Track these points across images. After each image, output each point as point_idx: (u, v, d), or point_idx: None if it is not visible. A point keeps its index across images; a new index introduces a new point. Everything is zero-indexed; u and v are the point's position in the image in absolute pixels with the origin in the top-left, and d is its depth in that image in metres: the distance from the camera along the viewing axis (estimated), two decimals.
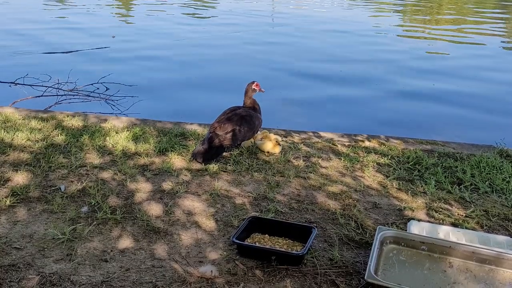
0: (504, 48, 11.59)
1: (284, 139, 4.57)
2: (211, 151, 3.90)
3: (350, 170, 3.93)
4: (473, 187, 3.73)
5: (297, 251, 2.74)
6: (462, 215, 3.30)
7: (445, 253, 2.70)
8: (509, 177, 3.85)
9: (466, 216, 3.29)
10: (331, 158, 4.17)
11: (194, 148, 4.08)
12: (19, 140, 4.16)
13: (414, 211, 3.33)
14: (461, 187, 3.71)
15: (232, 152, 4.14)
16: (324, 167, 3.96)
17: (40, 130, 4.44)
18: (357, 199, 3.45)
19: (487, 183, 3.76)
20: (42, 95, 6.63)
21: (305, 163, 4.01)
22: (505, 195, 3.60)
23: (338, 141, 4.63)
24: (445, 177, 3.84)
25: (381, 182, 3.75)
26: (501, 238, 2.91)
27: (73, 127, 4.59)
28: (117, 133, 4.45)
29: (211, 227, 3.04)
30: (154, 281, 2.52)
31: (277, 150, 4.17)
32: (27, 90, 6.76)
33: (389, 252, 2.75)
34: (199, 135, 4.53)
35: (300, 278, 2.58)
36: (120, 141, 4.23)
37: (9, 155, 3.90)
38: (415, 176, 3.88)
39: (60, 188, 3.41)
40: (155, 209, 3.22)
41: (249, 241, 2.83)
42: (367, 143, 4.61)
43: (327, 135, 4.82)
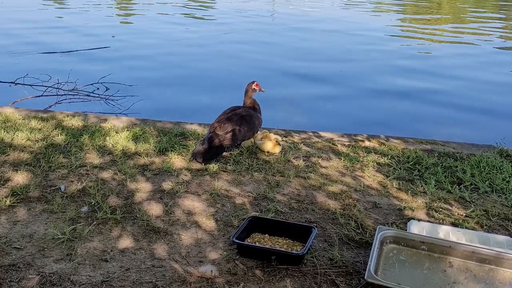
0: (501, 48, 11.58)
1: (284, 139, 4.57)
2: (211, 151, 3.91)
3: (350, 170, 3.93)
4: (473, 187, 3.73)
5: (297, 251, 2.74)
6: (462, 215, 3.30)
7: (445, 253, 2.70)
8: (509, 177, 3.85)
9: (466, 216, 3.29)
10: (331, 158, 4.17)
11: (194, 148, 4.08)
12: (19, 140, 4.16)
13: (414, 211, 3.33)
14: (461, 187, 3.71)
15: (232, 152, 4.14)
16: (324, 167, 3.96)
17: (40, 130, 4.44)
18: (357, 199, 3.45)
19: (487, 183, 3.76)
20: (42, 95, 6.63)
21: (305, 163, 4.02)
22: (505, 195, 3.60)
23: (338, 141, 4.63)
24: (445, 177, 3.84)
25: (381, 182, 3.75)
26: (501, 238, 2.91)
27: (73, 127, 4.59)
28: (117, 133, 4.45)
29: (211, 227, 3.04)
30: (154, 281, 2.52)
31: (277, 150, 4.17)
32: (27, 90, 6.76)
33: (389, 252, 2.75)
34: (199, 135, 4.53)
35: (300, 278, 2.58)
36: (120, 141, 4.23)
37: (9, 155, 3.90)
38: (415, 176, 3.88)
39: (60, 188, 3.41)
40: (155, 209, 3.22)
41: (249, 241, 2.83)
42: (367, 143, 4.61)
43: (327, 135, 4.82)
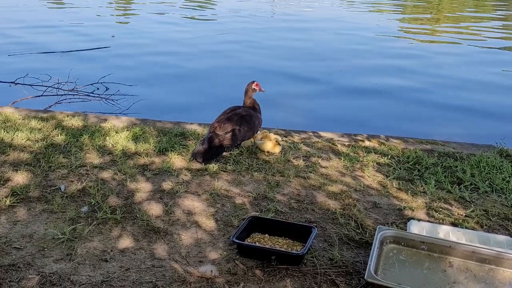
0: (501, 48, 11.58)
1: (284, 138, 4.57)
2: (211, 151, 3.91)
3: (350, 170, 3.93)
4: (473, 186, 3.73)
5: (297, 251, 2.74)
6: (462, 215, 3.30)
7: (445, 252, 2.70)
8: (509, 176, 3.85)
9: (466, 216, 3.29)
10: (331, 157, 4.17)
11: (194, 148, 4.08)
12: (19, 140, 4.16)
13: (414, 210, 3.33)
14: (461, 186, 3.71)
15: (232, 152, 4.14)
16: (324, 167, 3.96)
17: (40, 130, 4.44)
18: (357, 199, 3.45)
19: (487, 182, 3.76)
20: (42, 95, 6.63)
21: (305, 163, 4.02)
22: (505, 194, 3.60)
23: (338, 141, 4.63)
24: (445, 176, 3.84)
25: (381, 181, 3.75)
26: (501, 237, 2.91)
27: (73, 127, 4.59)
28: (117, 132, 4.45)
29: (211, 227, 3.04)
30: (154, 281, 2.52)
31: (277, 150, 4.17)
32: (27, 90, 6.77)
33: (389, 251, 2.75)
34: (199, 135, 4.53)
35: (300, 278, 2.58)
36: (120, 140, 4.23)
37: (9, 155, 3.90)
38: (415, 175, 3.88)
39: (60, 188, 3.41)
40: (155, 209, 3.22)
41: (249, 240, 2.83)
42: (367, 143, 4.61)
43: (327, 135, 4.82)
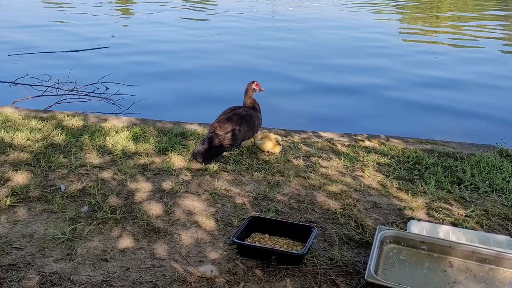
0: (503, 51, 11.58)
1: (284, 138, 4.57)
2: (211, 151, 3.91)
3: (350, 170, 3.93)
4: (473, 186, 3.73)
5: (297, 250, 2.74)
6: (462, 215, 3.30)
7: (445, 252, 2.70)
8: (509, 176, 3.85)
9: (466, 216, 3.29)
10: (331, 157, 4.17)
11: (194, 148, 4.08)
12: (19, 139, 4.16)
13: (414, 210, 3.33)
14: (461, 186, 3.71)
15: (232, 152, 4.14)
16: (324, 167, 3.96)
17: (40, 129, 4.44)
18: (357, 199, 3.45)
19: (487, 182, 3.76)
20: (42, 95, 6.63)
21: (305, 163, 4.02)
22: (505, 194, 3.60)
23: (338, 140, 4.63)
24: (445, 176, 3.84)
25: (381, 181, 3.75)
26: (501, 237, 2.91)
27: (73, 127, 4.59)
28: (117, 132, 4.45)
29: (211, 226, 3.04)
30: (154, 280, 2.52)
31: (277, 150, 4.17)
32: (27, 89, 6.77)
33: (389, 251, 2.75)
34: (199, 134, 4.53)
35: (300, 278, 2.58)
36: (120, 140, 4.23)
37: (9, 154, 3.90)
38: (415, 175, 3.88)
39: (60, 188, 3.41)
40: (155, 208, 3.22)
41: (249, 240, 2.83)
42: (367, 143, 4.61)
43: (327, 134, 4.82)
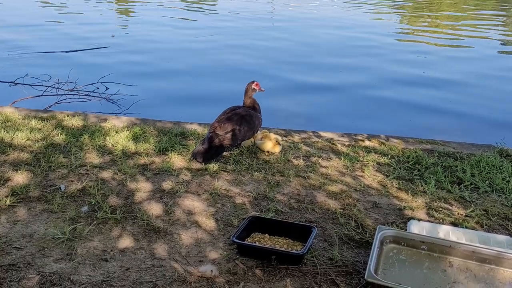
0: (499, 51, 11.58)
1: (284, 138, 4.57)
2: (211, 151, 3.91)
3: (350, 170, 3.93)
4: (473, 186, 3.73)
5: (297, 250, 2.74)
6: (462, 215, 3.30)
7: (445, 252, 2.71)
8: (509, 176, 3.85)
9: (466, 216, 3.29)
10: (331, 157, 4.17)
11: (194, 147, 4.08)
12: (19, 139, 4.16)
13: (414, 210, 3.33)
14: (461, 186, 3.71)
15: (232, 152, 4.14)
16: (324, 167, 3.96)
17: (40, 129, 4.44)
18: (357, 199, 3.45)
19: (487, 182, 3.76)
20: (42, 95, 6.63)
21: (305, 163, 4.02)
22: (505, 194, 3.60)
23: (338, 140, 4.63)
24: (445, 176, 3.84)
25: (381, 181, 3.75)
26: (501, 237, 2.91)
27: (73, 127, 4.59)
28: (117, 132, 4.45)
29: (211, 226, 3.04)
30: (154, 280, 2.52)
31: (277, 150, 4.17)
32: (27, 89, 6.76)
33: (389, 251, 2.75)
34: (199, 134, 4.53)
35: (300, 278, 2.58)
36: (120, 140, 4.23)
37: (9, 154, 3.90)
38: (415, 175, 3.88)
39: (60, 188, 3.41)
40: (155, 208, 3.22)
41: (249, 240, 2.83)
42: (367, 143, 4.61)
43: (327, 134, 4.82)
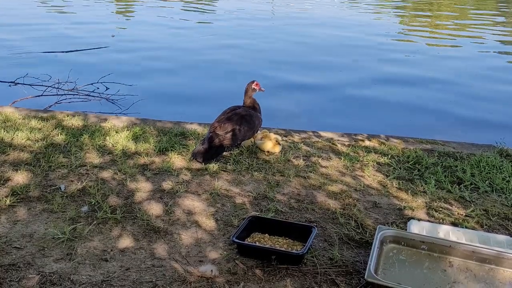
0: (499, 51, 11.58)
1: (284, 138, 4.57)
2: (211, 151, 3.91)
3: (350, 170, 3.93)
4: (473, 186, 3.73)
5: (297, 250, 2.74)
6: (462, 215, 3.30)
7: (445, 252, 2.71)
8: (509, 176, 3.86)
9: (466, 216, 3.29)
10: (331, 157, 4.17)
11: (194, 147, 4.08)
12: (19, 139, 4.16)
13: (414, 210, 3.33)
14: (461, 186, 3.71)
15: (232, 152, 4.14)
16: (324, 167, 3.96)
17: (40, 129, 4.44)
18: (357, 199, 3.45)
19: (487, 182, 3.76)
20: (42, 95, 6.63)
21: (305, 163, 4.01)
22: (505, 194, 3.60)
23: (338, 140, 4.63)
24: (445, 176, 3.84)
25: (381, 181, 3.75)
26: (501, 237, 2.92)
27: (73, 127, 4.59)
28: (117, 132, 4.45)
29: (211, 226, 3.04)
30: (154, 280, 2.52)
31: (277, 150, 4.17)
32: (27, 89, 6.76)
33: (389, 251, 2.75)
34: (199, 134, 4.53)
35: (300, 278, 2.58)
36: (120, 140, 4.23)
37: (9, 154, 3.90)
38: (415, 175, 3.88)
39: (60, 188, 3.41)
40: (155, 208, 3.22)
41: (249, 240, 2.83)
42: (367, 143, 4.61)
43: (327, 134, 4.82)
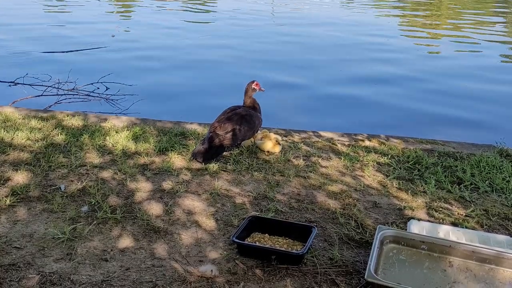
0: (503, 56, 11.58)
1: (284, 138, 4.57)
2: (211, 151, 3.91)
3: (350, 170, 3.93)
4: (473, 186, 3.73)
5: (297, 250, 2.74)
6: (462, 215, 3.30)
7: (445, 252, 2.70)
8: (509, 176, 3.86)
9: (466, 216, 3.29)
10: (331, 157, 4.17)
11: (194, 147, 4.08)
12: (19, 139, 4.16)
13: (414, 210, 3.33)
14: (461, 186, 3.71)
15: (232, 152, 4.14)
16: (324, 167, 3.96)
17: (40, 129, 4.44)
18: (357, 199, 3.45)
19: (487, 182, 3.76)
20: (42, 95, 6.63)
21: (305, 163, 4.01)
22: (505, 194, 3.60)
23: (338, 140, 4.63)
24: (445, 176, 3.84)
25: (381, 181, 3.75)
26: (501, 237, 2.91)
27: (73, 127, 4.59)
28: (117, 132, 4.45)
29: (211, 226, 3.04)
30: (154, 280, 2.52)
31: (277, 150, 4.17)
32: (27, 89, 6.77)
33: (389, 251, 2.75)
34: (199, 134, 4.53)
35: (300, 278, 2.58)
36: (120, 140, 4.23)
37: (9, 154, 3.90)
38: (415, 175, 3.88)
39: (60, 188, 3.41)
40: (155, 208, 3.22)
41: (249, 240, 2.83)
42: (367, 143, 4.61)
43: (327, 134, 4.82)
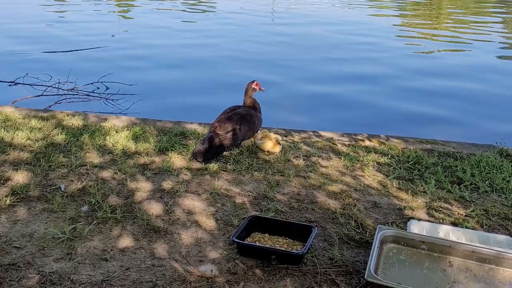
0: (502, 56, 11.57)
1: (284, 138, 4.57)
2: (211, 151, 3.91)
3: (350, 170, 3.93)
4: (473, 186, 3.73)
5: (297, 250, 2.74)
6: (462, 215, 3.30)
7: (445, 252, 2.70)
8: (509, 176, 3.85)
9: (466, 216, 3.29)
10: (331, 157, 4.17)
11: (194, 147, 4.08)
12: (19, 139, 4.16)
13: (414, 210, 3.33)
14: (461, 186, 3.71)
15: (232, 152, 4.14)
16: (324, 167, 3.96)
17: (40, 129, 4.44)
18: (357, 199, 3.45)
19: (487, 182, 3.76)
20: (42, 95, 6.64)
21: (305, 162, 4.02)
22: (505, 194, 3.60)
23: (338, 140, 4.63)
24: (445, 176, 3.84)
25: (381, 181, 3.75)
26: (501, 237, 2.92)
27: (73, 127, 4.59)
28: (117, 132, 4.45)
29: (211, 226, 3.04)
30: (154, 280, 2.52)
31: (277, 150, 4.17)
32: (27, 89, 6.77)
33: (389, 251, 2.75)
34: (199, 134, 4.53)
35: (300, 277, 2.58)
36: (120, 140, 4.23)
37: (9, 154, 3.90)
38: (415, 175, 3.88)
39: (60, 187, 3.42)
40: (155, 208, 3.22)
41: (249, 240, 2.83)
42: (367, 143, 4.61)
43: (327, 134, 4.82)
